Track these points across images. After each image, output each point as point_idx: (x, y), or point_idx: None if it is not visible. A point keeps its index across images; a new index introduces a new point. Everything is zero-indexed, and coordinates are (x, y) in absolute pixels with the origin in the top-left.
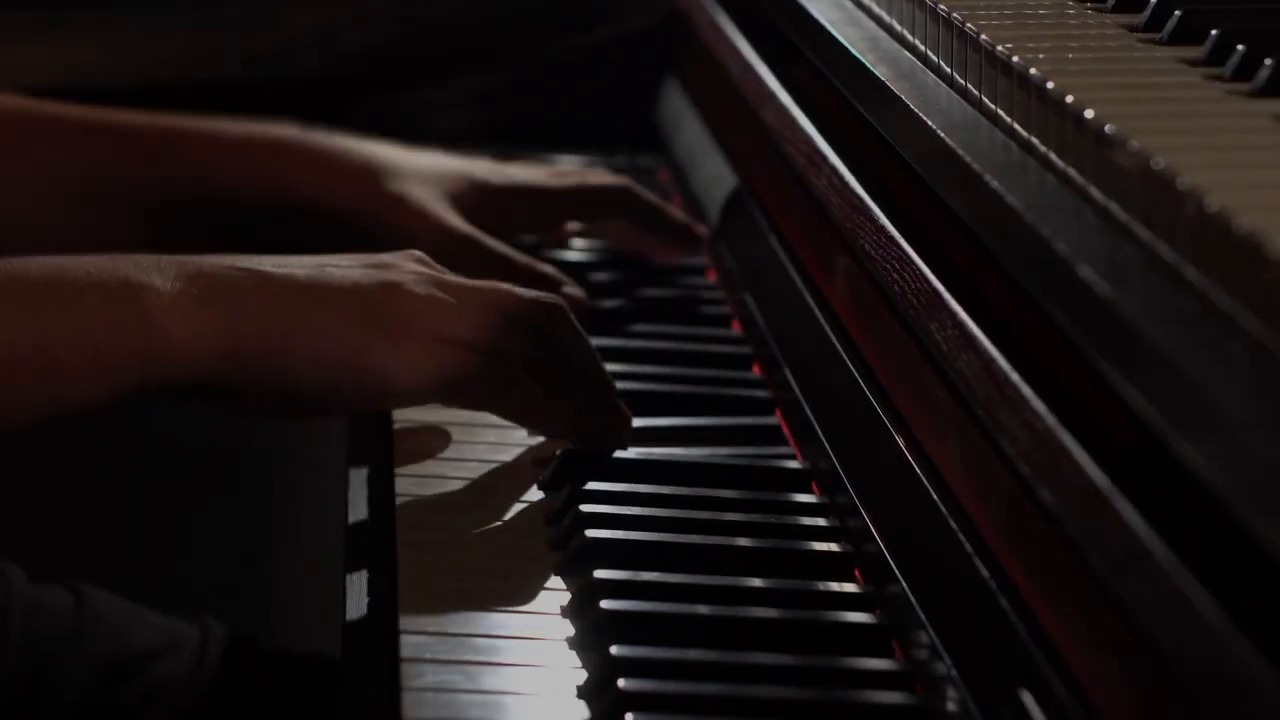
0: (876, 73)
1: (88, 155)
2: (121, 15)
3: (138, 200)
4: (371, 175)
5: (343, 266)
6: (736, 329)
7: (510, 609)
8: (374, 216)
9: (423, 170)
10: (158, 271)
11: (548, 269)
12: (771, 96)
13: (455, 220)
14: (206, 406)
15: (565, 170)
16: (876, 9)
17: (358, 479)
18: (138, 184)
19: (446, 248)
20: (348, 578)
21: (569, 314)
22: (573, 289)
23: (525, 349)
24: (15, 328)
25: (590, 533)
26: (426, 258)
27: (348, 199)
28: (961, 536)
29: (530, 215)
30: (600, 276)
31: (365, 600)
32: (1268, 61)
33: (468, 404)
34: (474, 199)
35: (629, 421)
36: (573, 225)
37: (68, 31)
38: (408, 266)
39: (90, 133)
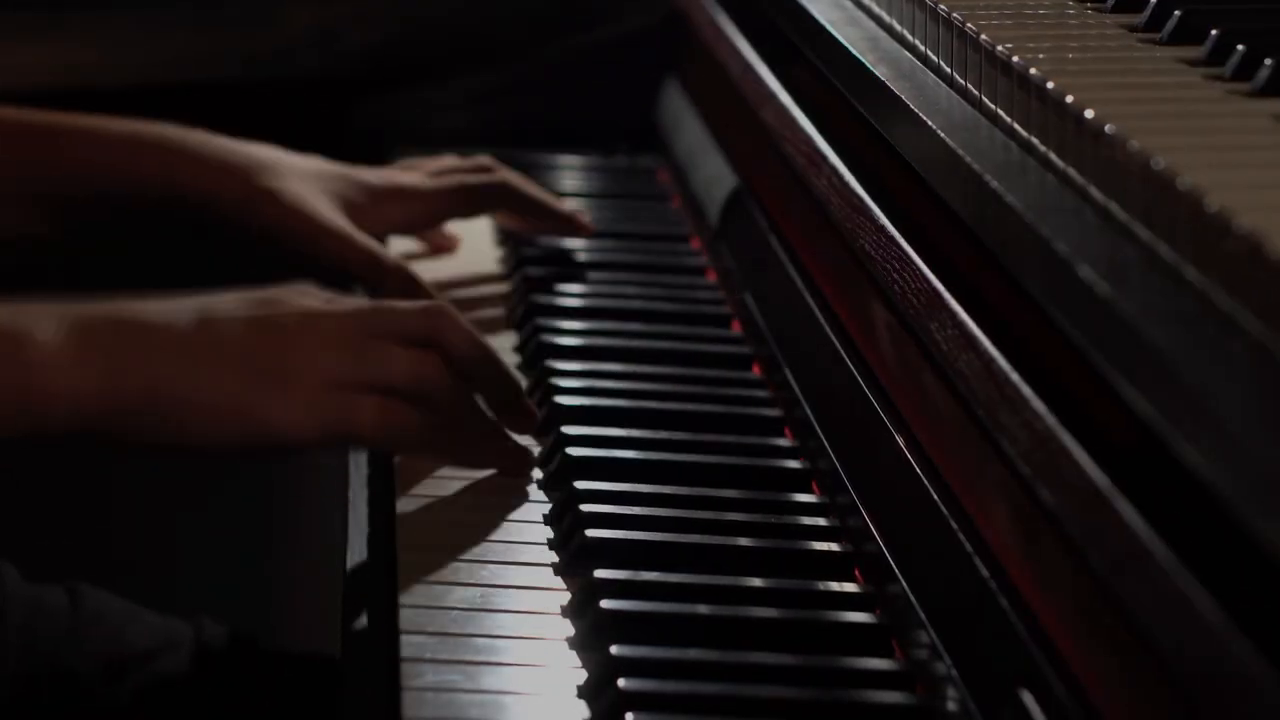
0: (876, 73)
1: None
2: (121, 15)
3: (22, 195)
4: (250, 172)
5: (228, 311)
6: (736, 329)
7: (510, 609)
8: (252, 211)
9: (301, 169)
10: (42, 320)
11: (414, 273)
12: (771, 96)
13: (328, 215)
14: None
15: (444, 167)
16: (876, 9)
17: (358, 479)
18: (20, 179)
19: (321, 242)
20: (348, 577)
21: (456, 317)
22: (435, 294)
23: (415, 374)
24: None
25: (590, 533)
26: (314, 289)
27: (228, 194)
28: (961, 536)
29: (409, 214)
30: (600, 276)
31: (365, 600)
32: (1268, 61)
33: (363, 445)
34: (351, 198)
35: (534, 419)
36: (452, 228)
37: (68, 31)
38: (293, 304)
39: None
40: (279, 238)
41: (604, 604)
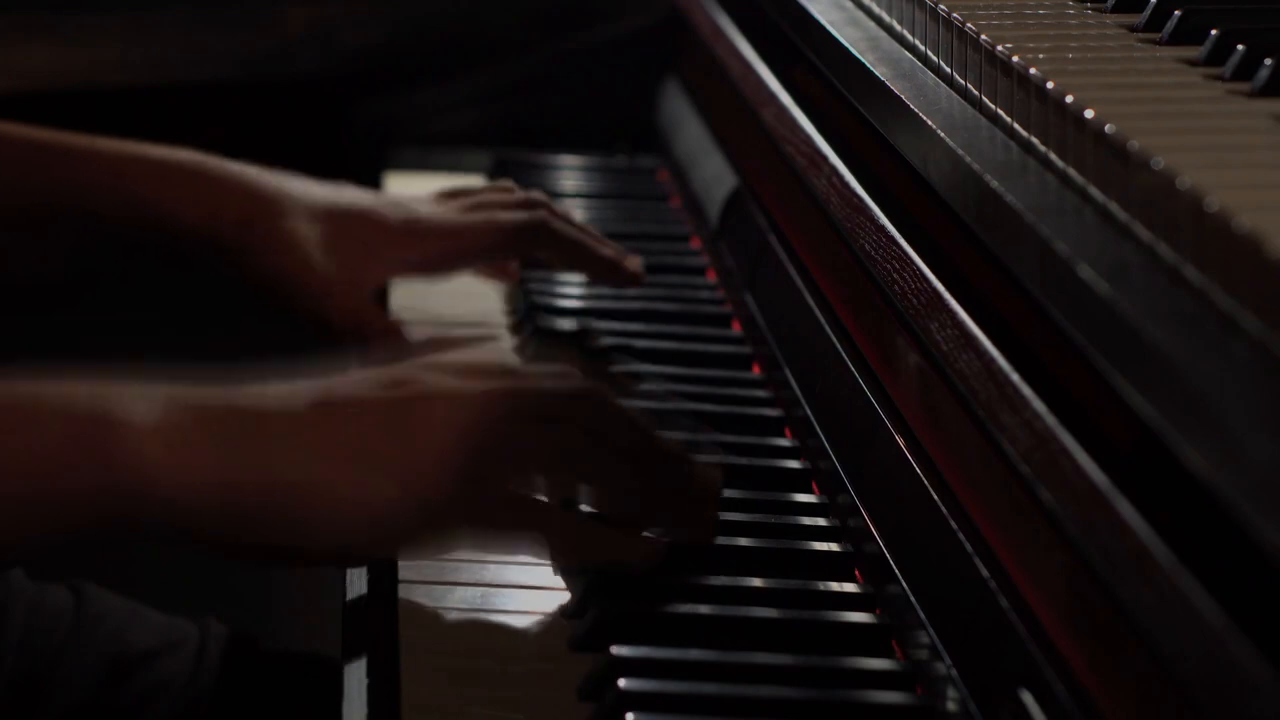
0: (876, 73)
1: (32, 174)
2: (121, 15)
3: (15, 216)
4: (260, 207)
5: (350, 398)
6: (736, 329)
7: (510, 609)
8: (252, 253)
9: (316, 206)
10: (134, 401)
11: (406, 335)
12: (771, 96)
13: (331, 266)
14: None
15: (480, 201)
16: (876, 9)
17: None
18: (12, 199)
19: (315, 296)
20: (347, 576)
21: (604, 397)
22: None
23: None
24: None
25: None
26: (439, 360)
27: (227, 229)
28: (961, 536)
29: (429, 254)
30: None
31: (365, 600)
32: (1268, 61)
33: (494, 542)
34: (366, 238)
35: (711, 528)
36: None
37: (68, 31)
38: (426, 386)
39: (29, 151)
40: (273, 284)
41: (604, 604)
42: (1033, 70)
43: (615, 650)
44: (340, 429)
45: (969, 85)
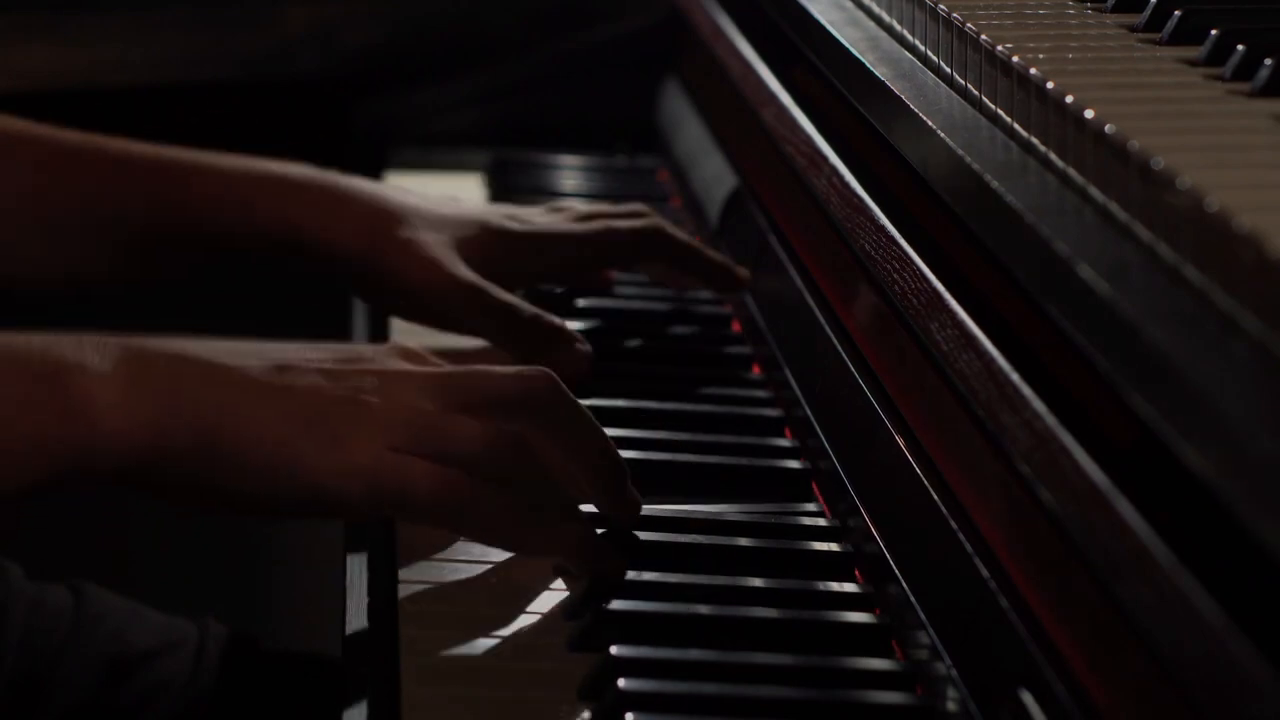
0: (876, 73)
1: (86, 185)
2: (121, 15)
3: (132, 232)
4: (380, 219)
5: (302, 361)
6: (736, 329)
7: (510, 609)
8: (378, 261)
9: (434, 216)
10: (91, 351)
11: (555, 321)
12: (771, 96)
13: (461, 269)
14: (138, 492)
15: (593, 211)
16: (876, 9)
17: None
18: (132, 216)
19: (450, 297)
20: (347, 577)
21: (557, 386)
22: (582, 346)
23: (486, 448)
24: None
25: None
26: (413, 351)
27: (353, 241)
28: (961, 536)
29: (551, 264)
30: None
31: (365, 599)
32: (1268, 61)
33: (418, 517)
34: (488, 247)
35: (637, 508)
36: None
37: (68, 31)
38: (375, 364)
39: (79, 160)
40: (406, 291)
41: (604, 604)
42: (1033, 70)
43: (615, 650)
44: (287, 390)
45: (969, 85)
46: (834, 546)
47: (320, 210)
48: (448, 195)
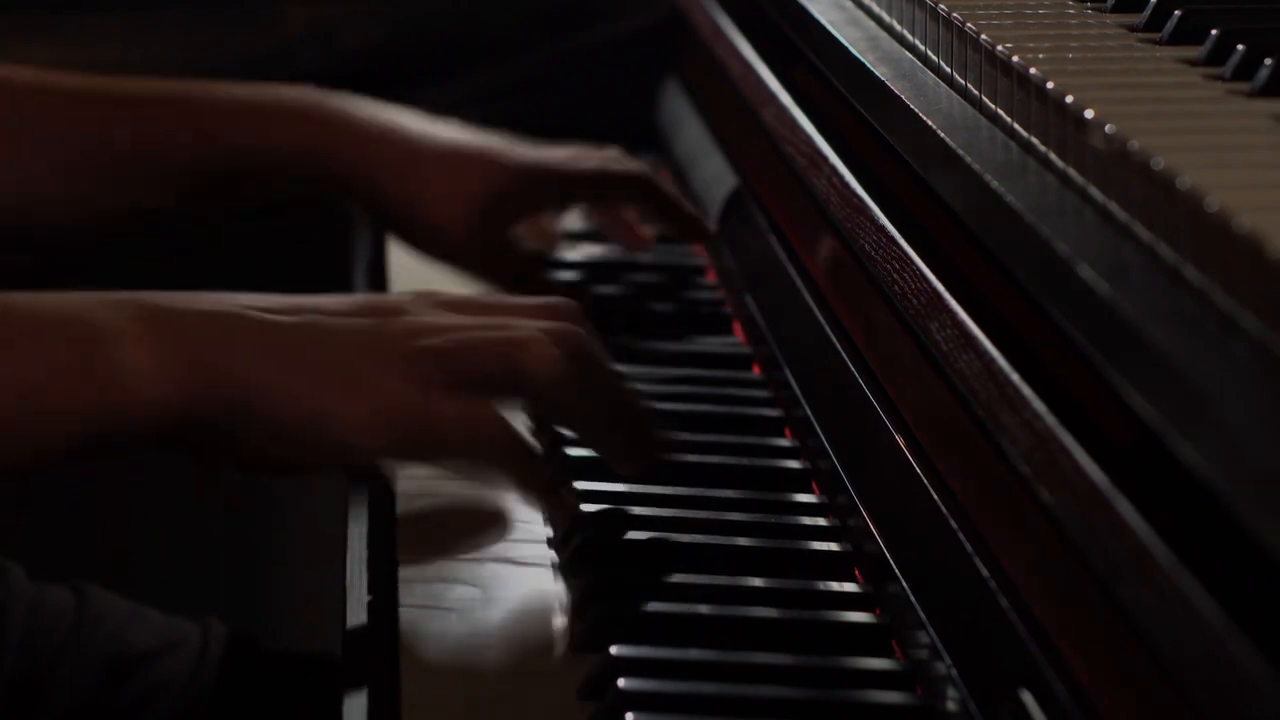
0: (876, 73)
1: (106, 122)
2: (121, 15)
3: (158, 166)
4: (404, 156)
5: (330, 310)
6: (736, 329)
7: (510, 609)
8: (401, 201)
9: (450, 150)
10: (117, 311)
11: (554, 280)
12: (771, 96)
13: (459, 205)
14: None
15: (585, 153)
16: (876, 9)
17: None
18: (156, 150)
19: (464, 241)
20: (347, 576)
21: (584, 338)
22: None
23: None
24: None
25: (591, 532)
26: (440, 297)
27: (390, 186)
28: (961, 536)
29: (550, 196)
30: (599, 276)
31: (365, 598)
32: (1268, 61)
33: (447, 458)
34: (499, 179)
35: (666, 447)
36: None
37: (68, 31)
38: (411, 313)
39: (106, 100)
40: (424, 230)
41: (604, 604)
42: (1033, 70)
43: (615, 650)
44: (316, 342)
45: (969, 85)
46: (834, 546)
47: (349, 145)
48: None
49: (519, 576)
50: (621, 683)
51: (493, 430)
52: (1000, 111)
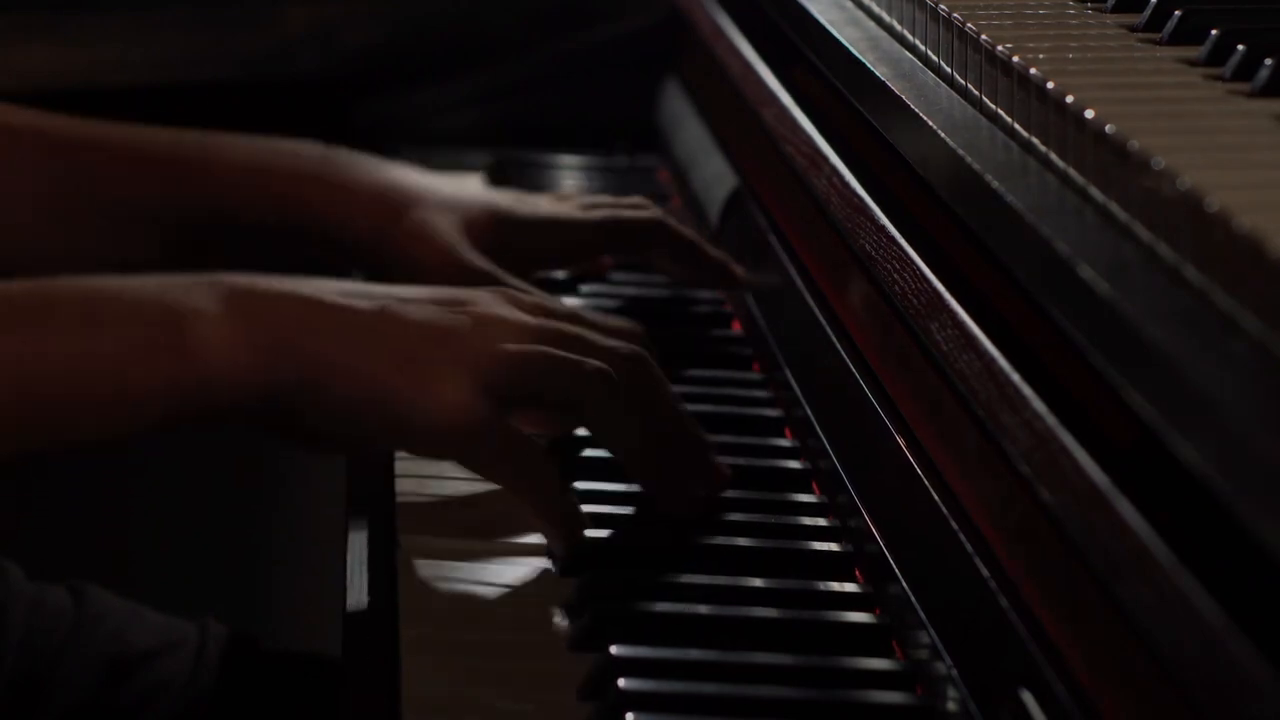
0: (876, 73)
1: (98, 172)
2: (121, 15)
3: (148, 219)
4: (391, 204)
5: (413, 305)
6: (736, 329)
7: (510, 609)
8: (390, 247)
9: (445, 200)
10: (206, 295)
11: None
12: (771, 96)
13: (470, 255)
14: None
15: (596, 201)
16: (876, 9)
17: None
18: (147, 202)
19: (460, 283)
20: (348, 576)
21: (646, 361)
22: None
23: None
24: (40, 349)
25: (591, 533)
26: (515, 294)
27: (365, 227)
28: (961, 536)
29: (555, 250)
30: (599, 275)
31: (365, 598)
32: (1268, 61)
33: (486, 470)
34: (496, 232)
35: (725, 479)
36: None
37: (68, 31)
38: (484, 308)
39: (101, 149)
40: (415, 277)
41: (604, 604)
42: (1033, 70)
43: (615, 650)
44: (390, 329)
45: (969, 85)
46: (834, 546)
47: (331, 195)
48: (455, 178)
49: (519, 576)
50: (621, 683)
51: (536, 460)
52: (1000, 111)
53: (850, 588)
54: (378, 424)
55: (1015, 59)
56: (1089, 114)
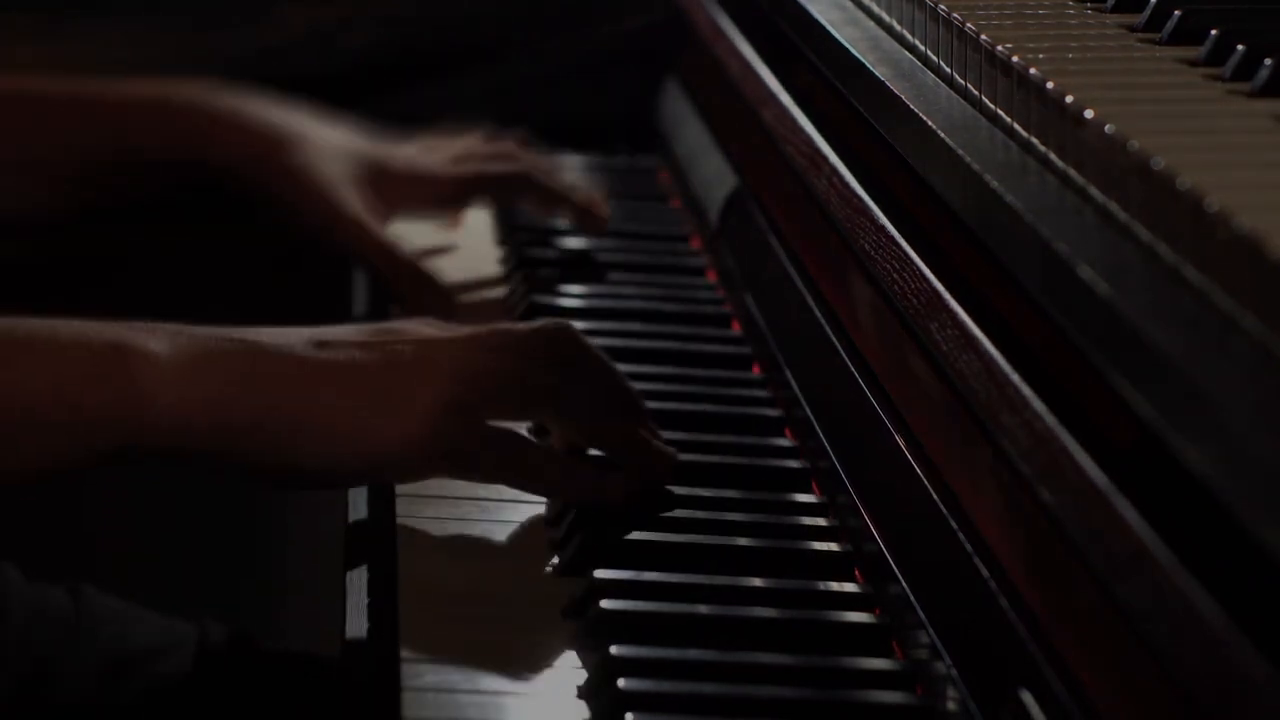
0: (876, 73)
1: (37, 129)
2: (119, 16)
3: (57, 164)
4: (273, 140)
5: (344, 338)
6: (736, 329)
7: (510, 608)
8: (268, 184)
9: (328, 146)
10: (150, 336)
11: (426, 269)
12: (771, 96)
13: (347, 203)
14: (201, 473)
15: (468, 152)
16: (876, 9)
17: None
18: (55, 148)
19: (334, 229)
20: (348, 576)
21: (577, 336)
22: (448, 296)
23: (532, 391)
24: None
25: (590, 532)
26: (434, 320)
27: (247, 158)
28: (961, 536)
29: (424, 200)
30: (600, 276)
31: (365, 601)
32: (1268, 61)
33: (479, 475)
34: (374, 181)
35: (670, 459)
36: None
37: (66, 32)
38: (411, 333)
39: (2, 101)
40: (295, 217)
41: (604, 604)
42: (1033, 70)
43: (615, 650)
44: (337, 368)
45: (969, 85)
46: (834, 546)
47: (224, 133)
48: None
49: (519, 576)
50: (621, 683)
51: (534, 456)
52: (1000, 111)
53: (850, 588)
54: (354, 465)
55: (1015, 59)
56: (1089, 114)
